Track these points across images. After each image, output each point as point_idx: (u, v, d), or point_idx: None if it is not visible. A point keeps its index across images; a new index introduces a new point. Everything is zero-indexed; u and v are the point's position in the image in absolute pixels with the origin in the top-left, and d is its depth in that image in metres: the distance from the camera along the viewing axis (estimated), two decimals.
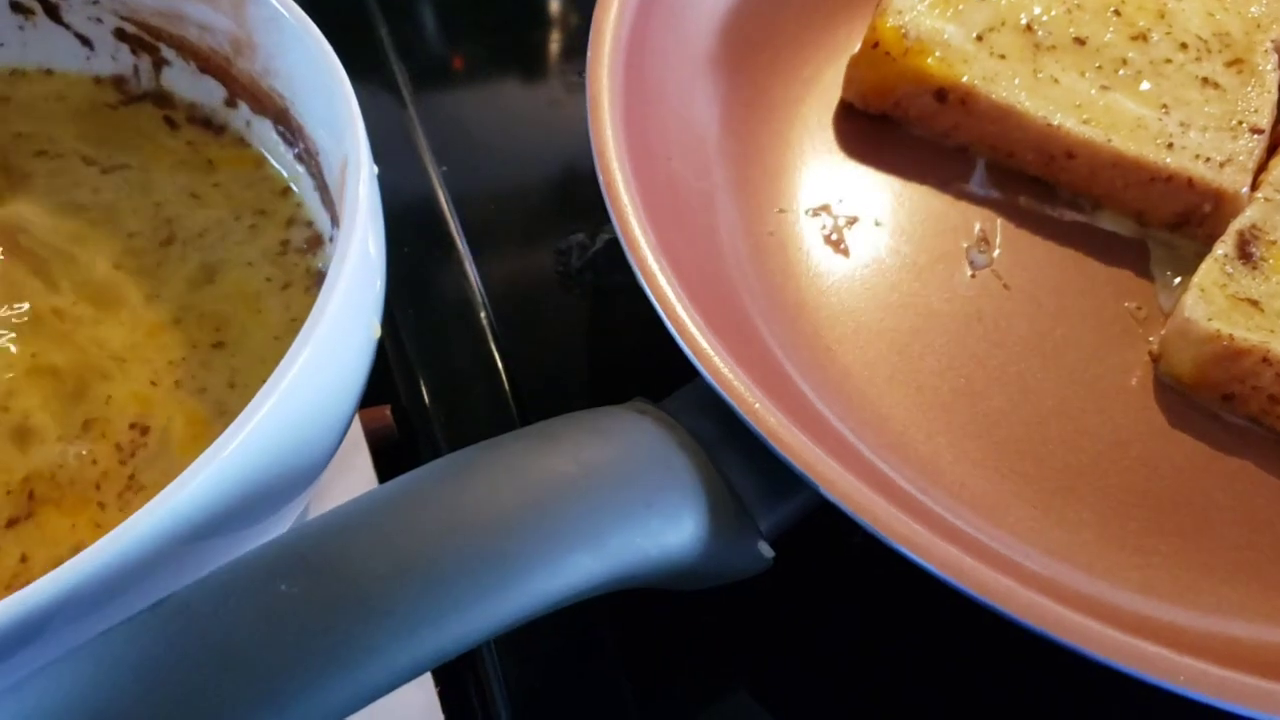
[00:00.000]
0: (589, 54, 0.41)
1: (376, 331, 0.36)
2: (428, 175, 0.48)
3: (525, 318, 0.45)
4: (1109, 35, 0.48)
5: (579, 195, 0.48)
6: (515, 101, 0.52)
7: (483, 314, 0.44)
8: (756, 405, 0.33)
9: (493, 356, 0.43)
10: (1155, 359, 0.43)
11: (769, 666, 0.37)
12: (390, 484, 0.30)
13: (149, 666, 0.26)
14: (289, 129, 0.41)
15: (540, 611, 0.29)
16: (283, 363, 0.30)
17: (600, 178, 0.38)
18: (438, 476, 0.31)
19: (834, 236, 0.45)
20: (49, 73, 0.45)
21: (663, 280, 0.36)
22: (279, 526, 0.34)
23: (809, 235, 0.45)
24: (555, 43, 0.55)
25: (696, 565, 0.33)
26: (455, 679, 0.37)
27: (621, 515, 0.31)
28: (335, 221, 0.39)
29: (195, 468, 0.28)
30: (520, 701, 0.36)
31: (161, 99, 0.44)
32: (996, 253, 0.45)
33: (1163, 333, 0.43)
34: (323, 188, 0.40)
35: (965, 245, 0.46)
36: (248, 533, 0.32)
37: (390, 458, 0.41)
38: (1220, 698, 0.30)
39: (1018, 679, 0.38)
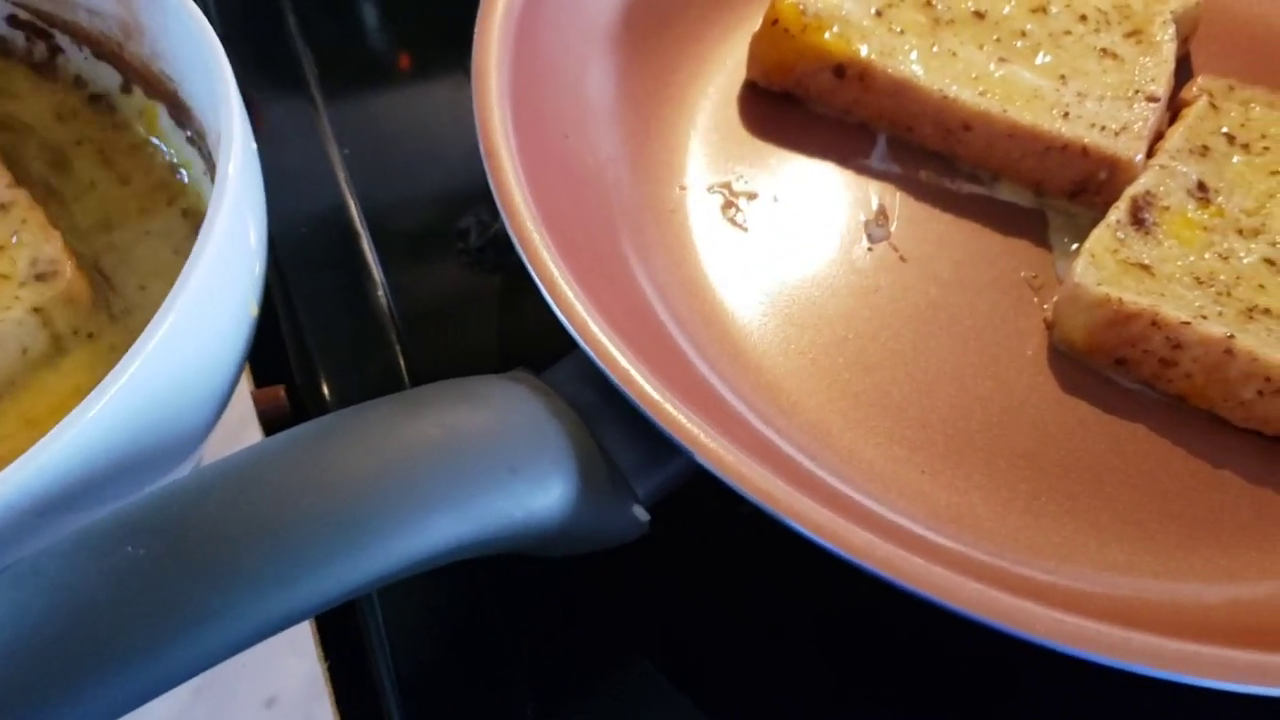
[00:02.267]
0: (476, 27, 0.41)
1: (253, 309, 0.36)
2: (329, 158, 0.48)
3: (424, 298, 0.45)
4: (1008, 9, 0.48)
5: (481, 177, 0.48)
6: (419, 86, 0.53)
7: (381, 294, 0.44)
8: (629, 369, 0.33)
9: (390, 336, 0.43)
10: (1049, 326, 0.43)
11: (657, 630, 0.37)
12: (249, 447, 0.30)
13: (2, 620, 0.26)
14: (179, 111, 0.41)
15: (399, 573, 0.29)
16: (144, 333, 0.30)
17: (482, 150, 0.38)
18: (296, 440, 0.31)
19: (733, 212, 0.45)
20: None
21: (540, 250, 0.36)
22: None
23: (709, 211, 0.45)
24: (461, 29, 0.55)
25: (567, 529, 0.33)
26: (343, 646, 0.37)
27: (484, 478, 0.31)
28: None
29: (49, 438, 0.28)
30: (406, 670, 0.36)
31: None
32: (894, 226, 0.46)
33: (1055, 299, 0.43)
34: (211, 169, 0.40)
35: (864, 219, 0.46)
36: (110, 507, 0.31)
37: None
38: (1081, 647, 0.30)
39: (902, 641, 0.38)
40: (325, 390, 0.42)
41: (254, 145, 0.36)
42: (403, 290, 0.45)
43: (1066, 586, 0.37)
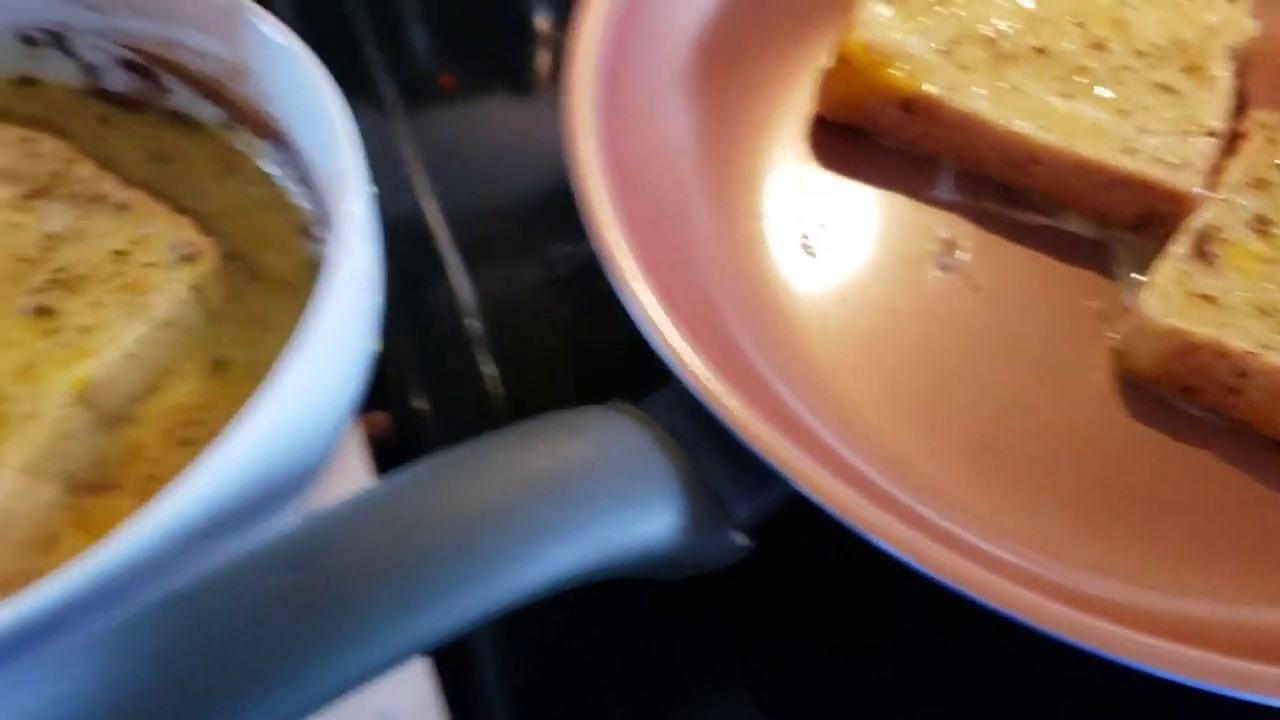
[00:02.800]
0: (566, 71, 0.43)
1: (373, 345, 0.37)
2: (418, 192, 0.50)
3: (515, 325, 0.47)
4: (1069, 45, 0.50)
5: (565, 206, 0.49)
6: (502, 118, 0.54)
7: (475, 322, 0.46)
8: (728, 401, 0.35)
9: (485, 363, 0.45)
10: (1117, 355, 0.45)
11: (755, 650, 0.39)
12: (376, 484, 0.32)
13: (149, 658, 0.28)
14: (287, 152, 0.43)
15: (519, 601, 0.31)
16: (277, 371, 0.32)
17: (576, 190, 0.40)
18: (420, 475, 0.32)
19: (807, 242, 0.47)
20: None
21: (639, 286, 0.38)
22: (281, 526, 0.36)
23: (783, 242, 0.47)
24: (540, 61, 0.57)
25: (672, 554, 0.34)
26: (454, 669, 0.38)
27: (597, 507, 0.32)
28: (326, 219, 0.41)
29: (191, 473, 0.30)
30: (517, 688, 0.38)
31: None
32: (964, 255, 0.47)
33: (1124, 329, 0.45)
34: (320, 208, 0.41)
35: (933, 249, 0.47)
36: (249, 533, 0.33)
37: (388, 461, 0.43)
38: (1159, 667, 0.32)
39: (991, 662, 0.39)
40: (424, 414, 0.44)
41: (371, 188, 0.38)
42: (493, 315, 0.47)
43: (1142, 608, 0.38)
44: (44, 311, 0.38)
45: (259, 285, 0.40)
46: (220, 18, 0.42)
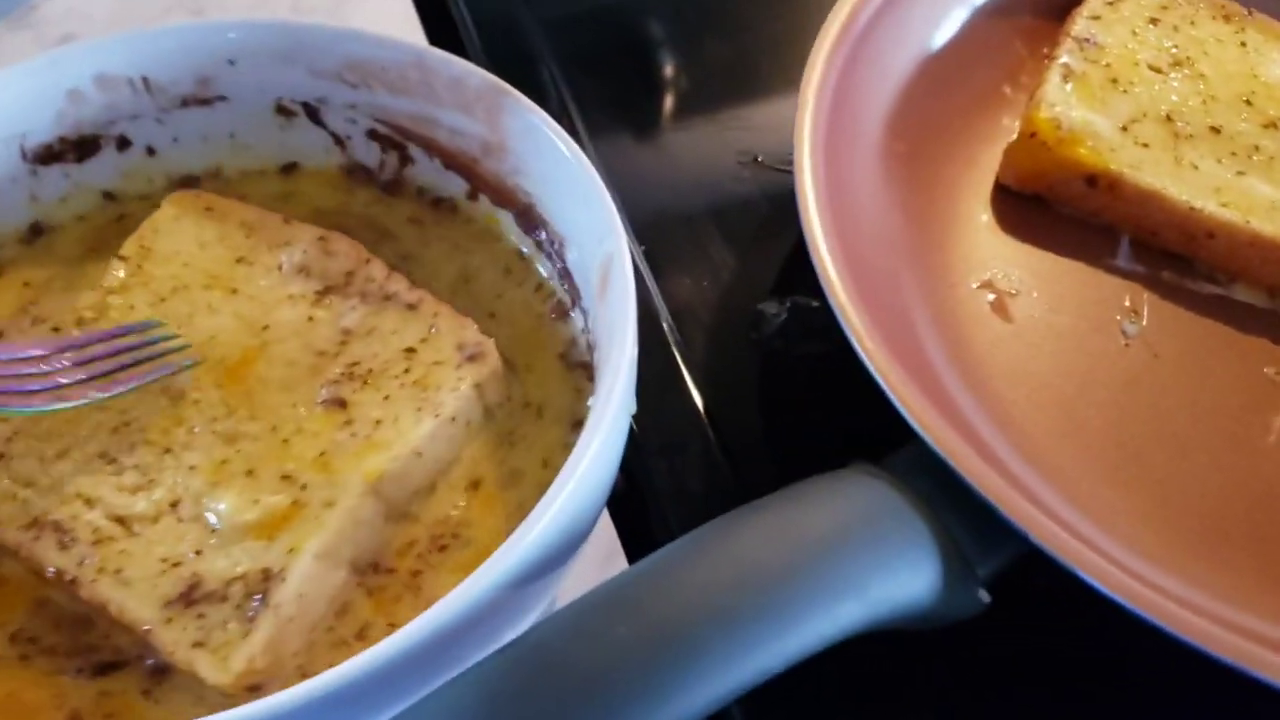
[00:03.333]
0: (795, 156, 0.47)
1: (631, 417, 0.41)
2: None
3: (725, 382, 0.50)
4: (1242, 124, 0.53)
5: (763, 268, 0.53)
6: (691, 173, 0.58)
7: (688, 378, 0.50)
8: (977, 466, 0.39)
9: (701, 419, 0.49)
10: None
11: (982, 701, 0.43)
12: (680, 541, 0.36)
13: (517, 693, 0.31)
14: (529, 220, 0.46)
15: (815, 651, 0.35)
16: (580, 442, 0.35)
17: (817, 268, 0.43)
18: (715, 535, 0.36)
19: (1000, 308, 0.50)
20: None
21: (880, 355, 0.41)
22: (567, 572, 0.39)
23: (978, 306, 0.50)
24: (727, 116, 0.61)
25: (929, 610, 0.38)
26: None
27: (879, 567, 0.36)
28: (574, 298, 0.44)
29: (519, 533, 0.33)
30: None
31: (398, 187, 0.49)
32: (1145, 323, 0.51)
33: None
34: (564, 273, 0.45)
35: (1117, 316, 0.51)
36: (548, 579, 0.37)
37: (620, 510, 0.46)
38: None
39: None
40: (651, 466, 0.47)
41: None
42: (703, 373, 0.50)
43: None
44: (339, 404, 0.41)
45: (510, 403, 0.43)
46: (481, 100, 0.45)
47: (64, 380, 0.39)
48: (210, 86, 0.47)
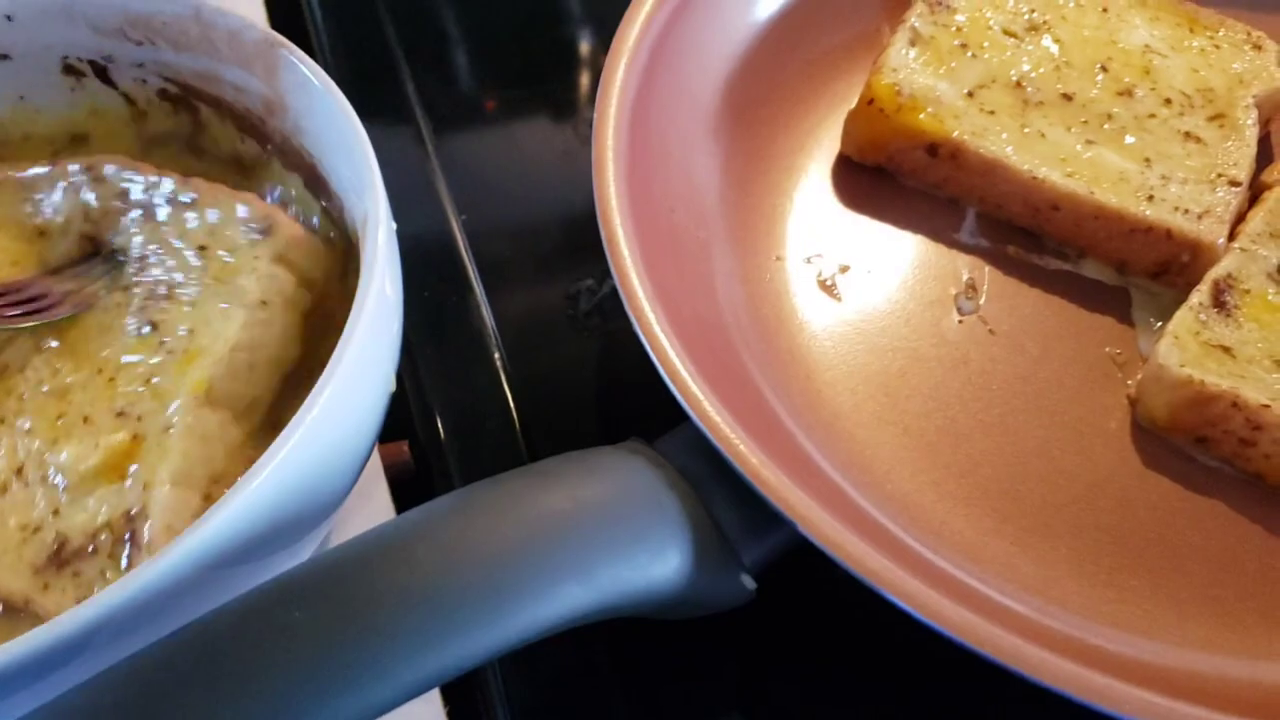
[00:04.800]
0: (596, 113, 0.44)
1: (392, 383, 0.38)
2: (448, 222, 0.51)
3: (536, 359, 0.48)
4: (1095, 91, 0.50)
5: (589, 242, 0.50)
6: (530, 152, 0.55)
7: (497, 355, 0.47)
8: (740, 446, 0.36)
9: (505, 395, 0.46)
10: (1133, 403, 0.45)
11: (753, 691, 0.40)
12: (396, 519, 0.33)
13: (173, 685, 0.29)
14: (316, 185, 0.44)
15: (534, 637, 0.32)
16: (306, 403, 0.33)
17: (602, 233, 0.41)
18: (441, 512, 0.33)
19: (828, 283, 0.48)
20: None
21: (656, 329, 0.38)
22: (302, 554, 0.37)
23: (804, 282, 0.48)
24: (568, 96, 0.58)
25: (681, 596, 0.35)
26: (462, 698, 0.39)
27: (610, 549, 0.33)
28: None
29: (223, 501, 0.31)
30: (525, 716, 0.39)
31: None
32: (984, 300, 0.48)
33: (1139, 377, 0.45)
34: (344, 240, 0.43)
35: (954, 292, 0.48)
36: (272, 560, 0.34)
37: (407, 490, 0.44)
38: None
39: (991, 712, 0.40)
40: (445, 444, 0.45)
41: (394, 225, 0.39)
42: (514, 349, 0.48)
43: (1151, 662, 0.38)
44: (152, 326, 0.39)
45: None
46: (259, 54, 0.43)
47: None
48: None
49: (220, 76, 0.45)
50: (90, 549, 0.35)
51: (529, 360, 0.47)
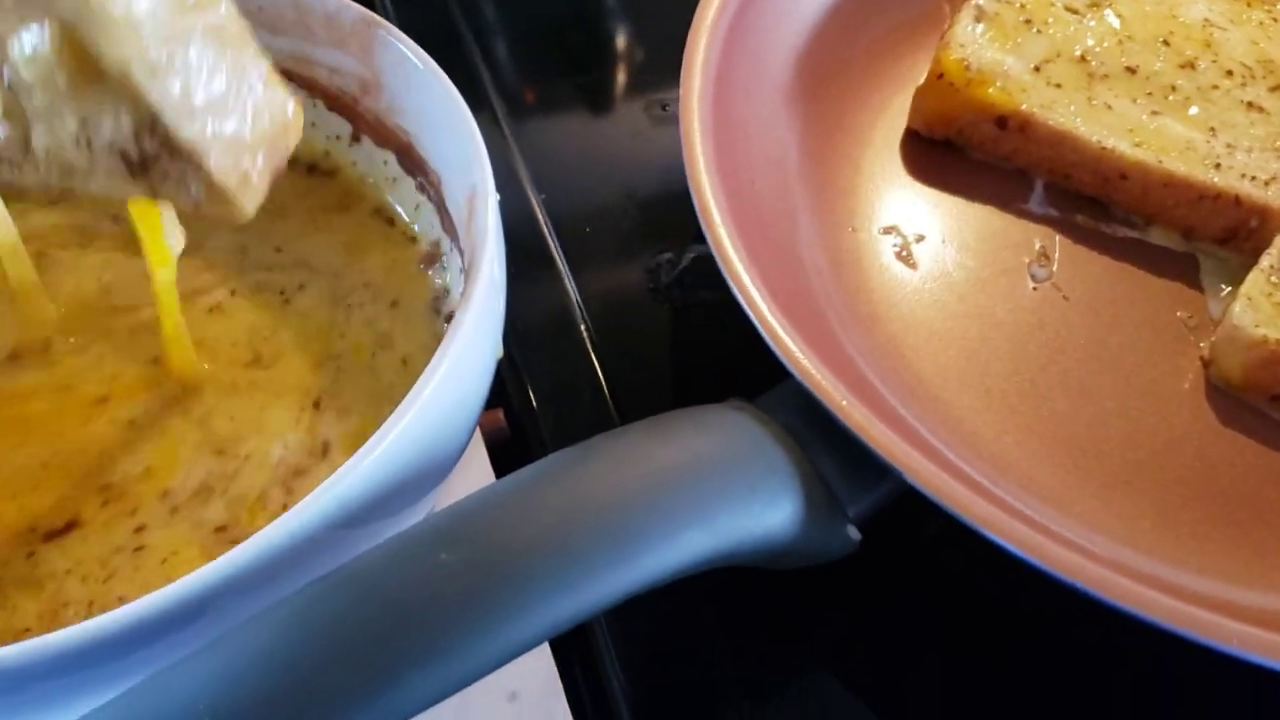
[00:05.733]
0: (681, 91, 0.45)
1: (499, 350, 0.40)
2: (529, 201, 0.52)
3: (620, 329, 0.49)
4: (1158, 64, 0.51)
5: (665, 217, 0.52)
6: (601, 133, 0.57)
7: (582, 327, 0.48)
8: (844, 402, 0.37)
9: (593, 365, 0.47)
10: (1206, 364, 0.46)
11: (853, 640, 0.41)
12: (523, 470, 0.34)
13: (331, 620, 0.30)
14: (411, 161, 0.45)
15: (658, 582, 0.33)
16: (423, 375, 0.34)
17: (696, 204, 0.42)
18: (564, 464, 0.35)
19: (904, 253, 0.49)
20: None
21: (755, 293, 0.40)
22: (415, 517, 0.38)
23: (881, 252, 0.49)
24: (633, 79, 0.60)
25: (791, 545, 0.36)
26: (570, 649, 0.41)
27: (728, 498, 0.35)
28: (455, 241, 0.43)
29: (349, 465, 0.32)
30: (631, 670, 0.40)
31: None
32: (1056, 267, 0.49)
33: (1213, 339, 0.46)
34: (444, 214, 0.44)
35: (1027, 260, 0.49)
36: (389, 522, 0.36)
37: (504, 456, 0.45)
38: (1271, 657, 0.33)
39: (1071, 660, 0.41)
40: (538, 412, 0.46)
41: (497, 195, 0.40)
42: (599, 320, 0.49)
43: (1234, 602, 0.40)
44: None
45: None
46: (355, 35, 0.44)
47: None
48: None
49: (315, 59, 0.46)
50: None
51: (614, 331, 0.49)
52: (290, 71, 0.47)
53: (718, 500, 0.34)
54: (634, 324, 0.49)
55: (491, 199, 0.39)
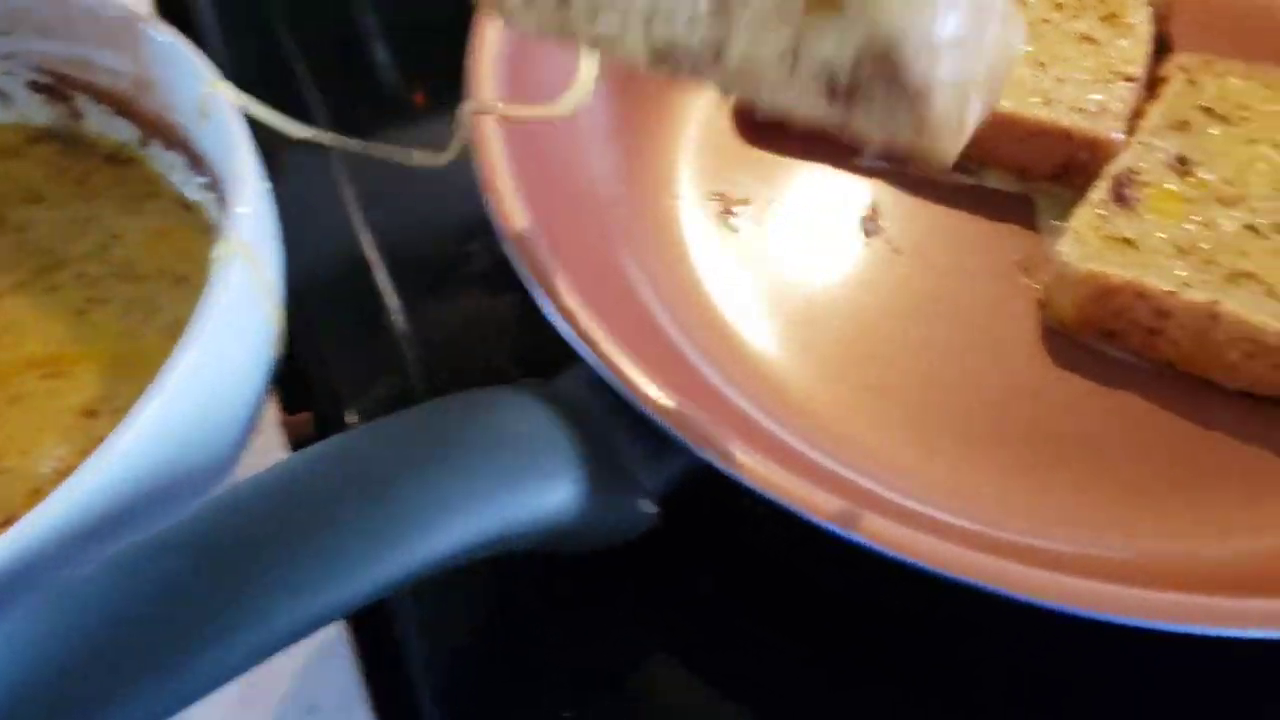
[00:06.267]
0: (468, 62, 0.43)
1: (274, 348, 0.38)
2: (342, 199, 0.50)
3: (437, 322, 0.47)
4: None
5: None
6: (426, 124, 0.55)
7: (397, 320, 0.46)
8: (623, 366, 0.35)
9: (406, 360, 0.45)
10: (1042, 306, 0.44)
11: (672, 615, 0.39)
12: (278, 464, 0.32)
13: (45, 640, 0.28)
14: (193, 159, 0.43)
15: (420, 573, 0.31)
16: (162, 370, 0.32)
17: (480, 178, 0.40)
18: (320, 454, 0.33)
19: (728, 218, 0.47)
20: None
21: (538, 260, 0.38)
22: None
23: (703, 219, 0.47)
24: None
25: (578, 525, 0.34)
26: (376, 651, 0.39)
27: (494, 479, 0.32)
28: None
29: (82, 471, 0.30)
30: (439, 673, 0.38)
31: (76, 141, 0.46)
32: (887, 221, 0.47)
33: (1045, 279, 0.44)
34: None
35: (859, 216, 0.47)
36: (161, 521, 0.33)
37: None
38: (1102, 610, 0.32)
39: (915, 622, 0.39)
40: (347, 414, 0.44)
41: (266, 186, 0.38)
42: (417, 316, 0.47)
43: (1074, 553, 0.38)
44: None
45: None
46: (120, 32, 0.42)
47: None
48: None
49: (91, 60, 0.44)
50: None
51: (430, 323, 0.46)
52: (70, 78, 0.45)
53: (481, 482, 0.32)
54: (450, 315, 0.47)
55: (251, 184, 0.37)
